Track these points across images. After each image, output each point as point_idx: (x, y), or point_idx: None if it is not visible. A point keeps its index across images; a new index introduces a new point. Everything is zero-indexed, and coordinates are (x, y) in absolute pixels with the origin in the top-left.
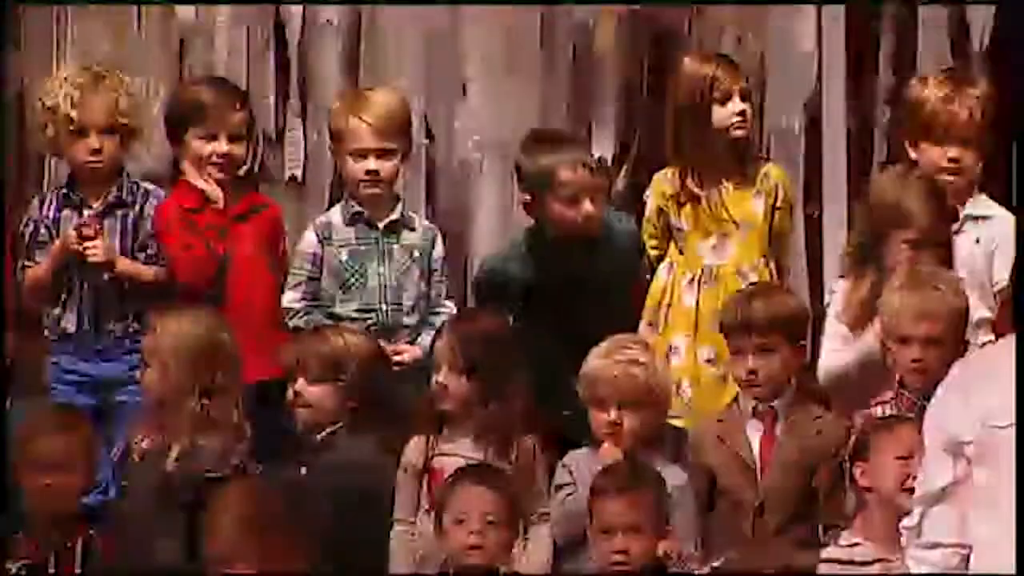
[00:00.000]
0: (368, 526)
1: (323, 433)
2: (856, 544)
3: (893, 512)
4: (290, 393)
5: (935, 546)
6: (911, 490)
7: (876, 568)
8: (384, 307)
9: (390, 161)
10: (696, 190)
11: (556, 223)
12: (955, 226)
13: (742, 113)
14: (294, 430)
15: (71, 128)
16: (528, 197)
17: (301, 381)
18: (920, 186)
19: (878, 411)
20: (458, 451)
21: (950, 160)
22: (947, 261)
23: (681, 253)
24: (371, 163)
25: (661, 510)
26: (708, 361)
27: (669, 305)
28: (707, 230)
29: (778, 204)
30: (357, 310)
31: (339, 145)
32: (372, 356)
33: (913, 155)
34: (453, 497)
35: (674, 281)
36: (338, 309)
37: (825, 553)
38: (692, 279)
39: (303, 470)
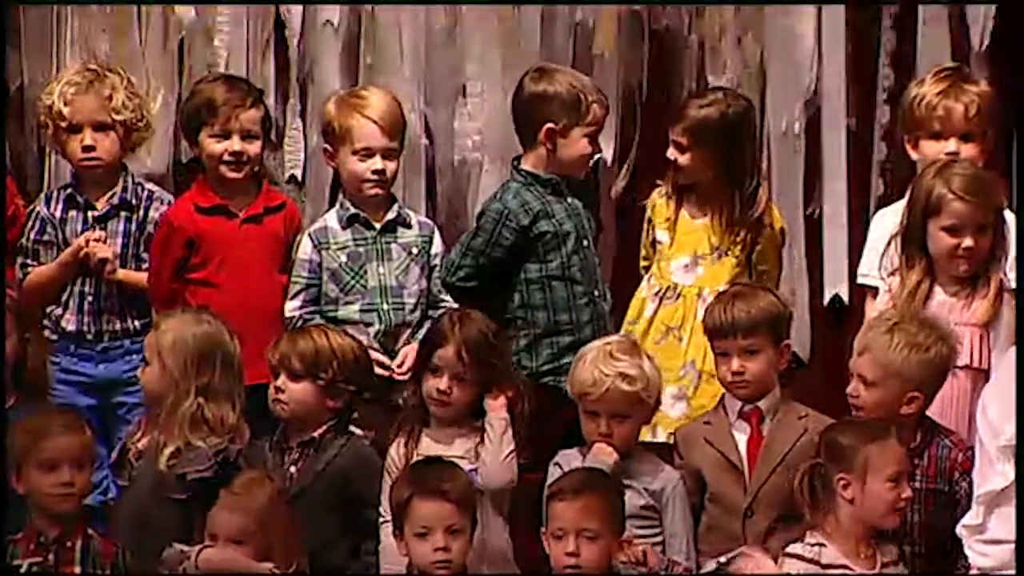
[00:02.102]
0: (360, 529)
1: (316, 433)
2: (822, 545)
3: (869, 527)
4: (272, 389)
5: (998, 542)
6: (901, 510)
7: (837, 572)
8: (386, 307)
9: (393, 161)
10: (670, 209)
11: (572, 157)
12: None
13: (671, 160)
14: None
15: (63, 125)
16: (554, 125)
17: (283, 377)
18: (955, 173)
19: None
20: (448, 452)
21: (948, 155)
22: (992, 247)
23: (658, 266)
24: (377, 163)
25: (616, 516)
26: None
27: (637, 317)
28: (682, 249)
29: (759, 238)
30: (359, 311)
31: (340, 145)
32: (356, 357)
33: (914, 156)
34: (414, 510)
35: (647, 292)
36: (340, 312)
37: (790, 547)
38: (657, 292)
39: (293, 469)
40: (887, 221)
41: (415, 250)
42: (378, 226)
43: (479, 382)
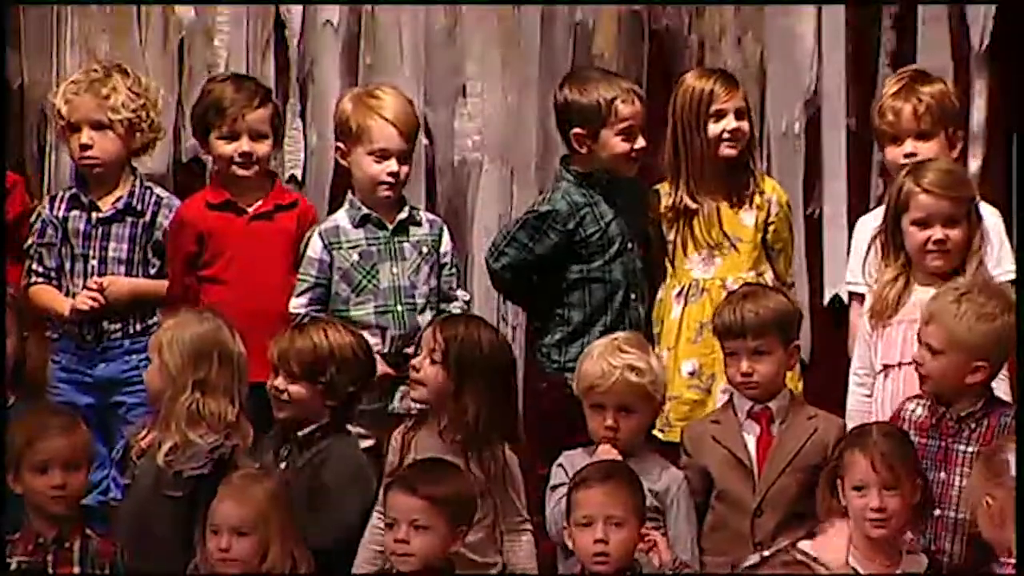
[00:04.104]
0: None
1: (304, 432)
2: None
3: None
4: (270, 387)
5: None
6: (872, 521)
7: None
8: (400, 308)
9: (407, 164)
10: (689, 204)
11: (610, 157)
12: None
13: (733, 132)
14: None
15: (62, 124)
16: (581, 131)
17: (281, 378)
18: (924, 169)
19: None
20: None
21: (906, 156)
22: (964, 240)
23: (672, 266)
24: (392, 165)
25: (640, 504)
26: (690, 374)
27: (662, 320)
28: (697, 244)
29: (771, 218)
30: (374, 313)
31: (355, 144)
32: (357, 356)
33: (886, 160)
34: (388, 500)
35: (666, 294)
36: (353, 313)
37: (801, 543)
38: (680, 292)
39: (283, 465)
40: (868, 227)
41: (425, 249)
42: (391, 226)
43: (458, 378)
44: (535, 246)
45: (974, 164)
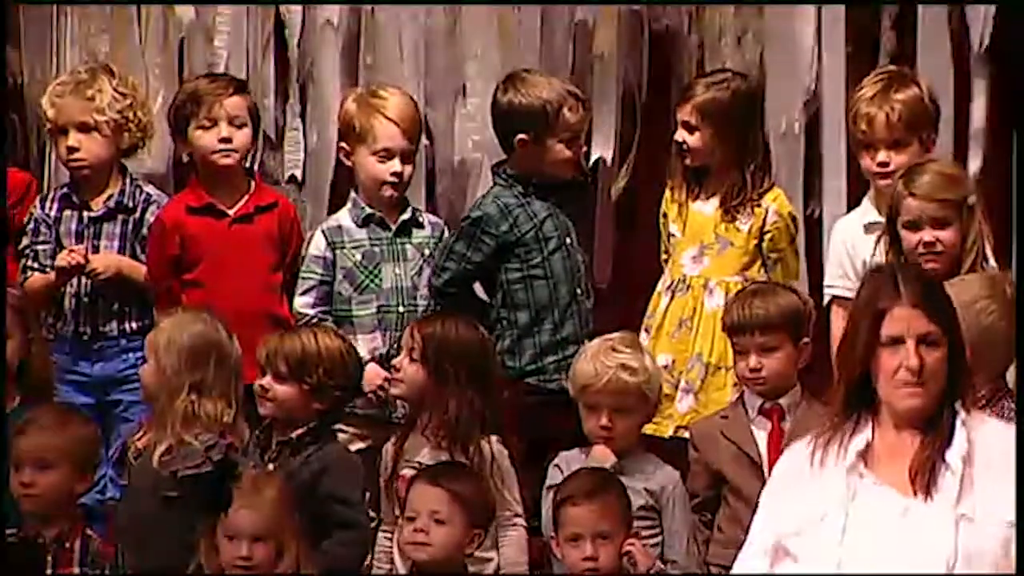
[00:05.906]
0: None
1: (295, 434)
2: None
3: None
4: (257, 386)
5: None
6: None
7: None
8: (401, 308)
9: (410, 164)
10: (678, 201)
11: (552, 162)
12: None
13: (679, 143)
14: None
15: (50, 127)
16: (525, 136)
17: (269, 377)
18: (914, 172)
19: None
20: (418, 459)
21: (880, 165)
22: (957, 241)
23: (671, 259)
24: (396, 165)
25: (627, 513)
26: (664, 367)
27: (654, 311)
28: (691, 240)
29: (767, 227)
30: (375, 313)
31: (359, 144)
32: (345, 361)
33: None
34: (408, 496)
35: (661, 286)
36: (355, 312)
37: None
38: (669, 285)
39: (271, 467)
40: (845, 229)
41: (427, 251)
42: (393, 226)
43: (438, 373)
44: (472, 254)
45: (974, 164)
